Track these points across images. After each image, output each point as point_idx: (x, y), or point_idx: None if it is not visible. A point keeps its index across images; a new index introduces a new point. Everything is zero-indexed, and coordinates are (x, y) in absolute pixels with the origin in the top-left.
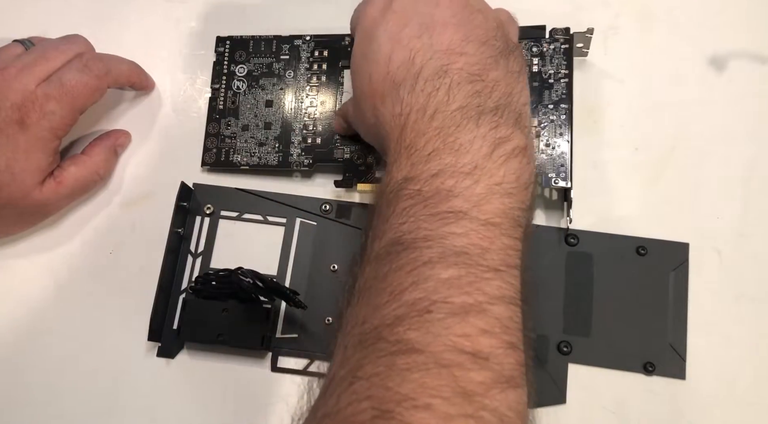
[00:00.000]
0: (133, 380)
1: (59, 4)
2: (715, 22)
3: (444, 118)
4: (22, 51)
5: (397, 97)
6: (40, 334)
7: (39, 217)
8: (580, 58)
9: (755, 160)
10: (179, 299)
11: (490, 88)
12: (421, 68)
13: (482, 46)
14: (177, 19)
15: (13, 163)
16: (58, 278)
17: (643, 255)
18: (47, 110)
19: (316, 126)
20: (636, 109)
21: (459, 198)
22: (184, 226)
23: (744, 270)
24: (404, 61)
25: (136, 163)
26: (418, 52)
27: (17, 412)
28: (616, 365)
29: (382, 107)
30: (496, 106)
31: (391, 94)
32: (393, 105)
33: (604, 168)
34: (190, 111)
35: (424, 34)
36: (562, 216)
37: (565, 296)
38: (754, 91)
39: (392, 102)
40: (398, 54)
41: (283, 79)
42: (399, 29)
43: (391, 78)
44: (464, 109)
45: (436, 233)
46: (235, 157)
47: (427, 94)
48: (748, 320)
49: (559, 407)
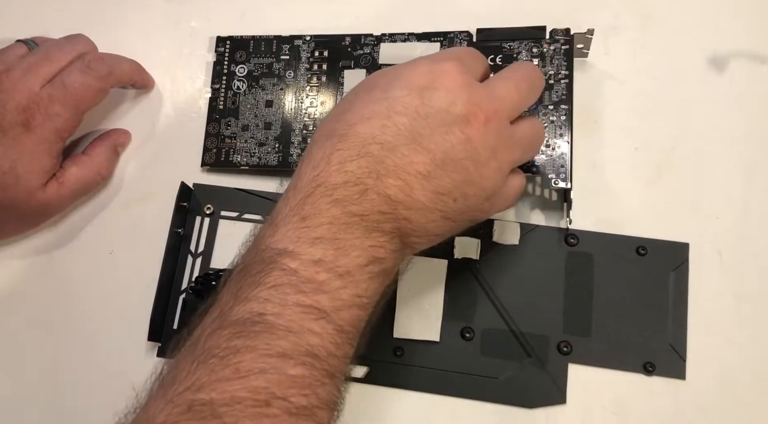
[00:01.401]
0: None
1: (60, 5)
2: (715, 22)
3: (343, 213)
4: (26, 52)
5: (330, 152)
6: (40, 333)
7: (41, 218)
8: (581, 59)
9: (755, 160)
10: (179, 299)
11: (394, 218)
12: (365, 155)
13: (430, 193)
14: (177, 19)
15: (17, 165)
16: (58, 278)
17: (643, 255)
18: (52, 112)
19: (316, 126)
20: (636, 109)
21: (326, 296)
22: (184, 226)
23: (744, 270)
24: (365, 136)
25: (136, 164)
26: (380, 143)
27: (17, 412)
28: (616, 365)
29: (319, 144)
30: (390, 231)
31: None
32: (322, 156)
33: (604, 168)
34: (190, 111)
35: (404, 136)
36: (562, 216)
37: (565, 296)
38: (754, 91)
39: (324, 152)
40: (370, 126)
41: (283, 80)
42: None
43: (345, 132)
44: (363, 218)
45: (297, 326)
46: (235, 157)
47: (345, 181)
48: (748, 320)
49: (559, 407)
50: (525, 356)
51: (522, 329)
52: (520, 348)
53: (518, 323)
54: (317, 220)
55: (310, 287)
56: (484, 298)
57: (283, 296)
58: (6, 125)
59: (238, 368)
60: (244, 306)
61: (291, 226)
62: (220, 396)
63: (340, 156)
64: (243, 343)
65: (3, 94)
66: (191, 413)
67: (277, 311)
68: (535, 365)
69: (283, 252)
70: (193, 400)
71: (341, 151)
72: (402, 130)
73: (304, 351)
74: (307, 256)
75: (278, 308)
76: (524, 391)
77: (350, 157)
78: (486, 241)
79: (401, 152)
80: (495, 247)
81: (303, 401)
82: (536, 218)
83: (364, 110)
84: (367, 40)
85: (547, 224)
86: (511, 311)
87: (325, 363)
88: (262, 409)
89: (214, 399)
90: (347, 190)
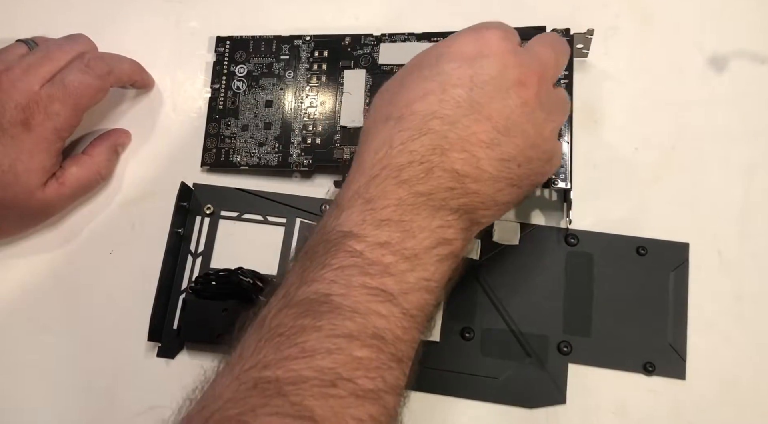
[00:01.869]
0: (133, 380)
1: (60, 5)
2: (715, 22)
3: (409, 193)
4: (26, 51)
5: (390, 136)
6: (40, 333)
7: (41, 218)
8: (581, 59)
9: (755, 160)
10: (179, 299)
11: (462, 193)
12: (427, 132)
13: (496, 161)
14: (177, 19)
15: (17, 164)
16: (58, 278)
17: (643, 255)
18: (51, 111)
19: (315, 126)
20: (636, 109)
21: (393, 279)
22: (184, 226)
23: (744, 270)
24: (425, 113)
25: (137, 163)
26: (441, 117)
27: (17, 412)
28: (616, 365)
29: (377, 129)
30: (457, 208)
31: (390, 127)
32: (383, 141)
33: (604, 168)
34: (190, 111)
35: (464, 107)
36: (562, 217)
37: (565, 296)
38: (754, 91)
39: (384, 136)
40: (428, 103)
41: (282, 80)
42: (455, 83)
43: (401, 113)
44: (429, 197)
45: (364, 308)
46: (234, 157)
47: (409, 161)
48: (748, 320)
49: (559, 407)
50: (525, 356)
51: (522, 329)
52: (520, 348)
53: (518, 323)
54: (383, 202)
55: (376, 270)
56: (484, 298)
57: (349, 277)
58: (5, 124)
59: (304, 347)
60: (310, 287)
61: (356, 208)
62: (285, 374)
63: (401, 137)
64: (309, 322)
65: (2, 94)
66: (257, 390)
67: (342, 292)
68: (535, 365)
69: (349, 234)
70: (259, 377)
71: (402, 132)
72: (460, 102)
73: (371, 333)
74: (372, 238)
75: (344, 288)
76: (524, 391)
77: (412, 136)
78: (486, 241)
79: (463, 124)
80: (495, 247)
81: (369, 384)
82: (536, 218)
83: (417, 89)
84: (367, 41)
85: (547, 224)
86: (511, 311)
87: (392, 347)
88: (328, 389)
89: (280, 377)
90: (413, 170)
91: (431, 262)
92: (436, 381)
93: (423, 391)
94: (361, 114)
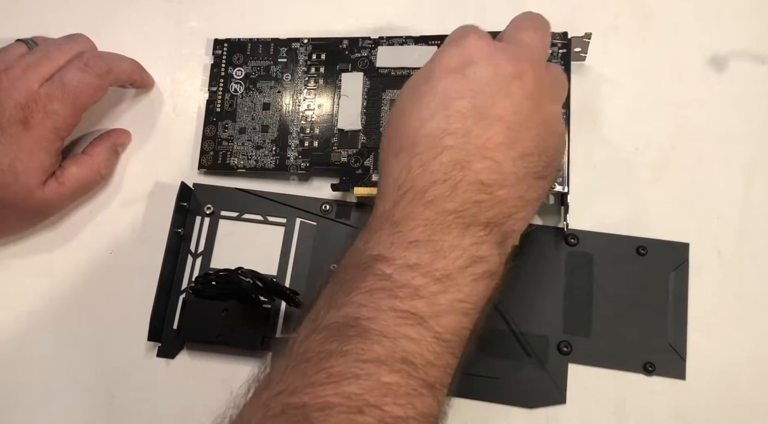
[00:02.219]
0: (133, 380)
1: (59, 4)
2: (715, 22)
3: (437, 213)
4: (26, 51)
5: (407, 161)
6: (40, 333)
7: (40, 217)
8: (578, 63)
9: (755, 160)
10: (179, 299)
11: (491, 204)
12: (443, 150)
13: (518, 159)
14: (176, 20)
15: (16, 163)
16: (58, 277)
17: (643, 255)
18: (50, 110)
19: (313, 129)
20: (636, 109)
21: (423, 301)
22: (184, 226)
23: (744, 270)
24: (435, 133)
25: (137, 163)
26: (452, 133)
27: (17, 412)
28: (616, 365)
29: (393, 161)
30: (487, 222)
31: (405, 155)
32: (401, 168)
33: (604, 168)
34: (191, 111)
35: (472, 116)
36: (560, 220)
37: (565, 296)
38: (754, 91)
39: (401, 163)
40: (435, 123)
41: (280, 82)
42: (455, 97)
43: (413, 140)
44: (458, 214)
45: (393, 331)
46: (231, 160)
47: (432, 181)
48: (748, 320)
49: (559, 407)
50: (525, 356)
51: (522, 329)
52: (520, 348)
53: (518, 323)
54: (411, 223)
55: (405, 292)
56: None
57: (378, 300)
58: (5, 123)
59: (331, 372)
60: (339, 311)
61: (384, 231)
62: (312, 401)
63: (419, 160)
64: (336, 347)
65: (2, 93)
66: (284, 416)
67: (371, 316)
68: (535, 365)
69: (378, 257)
70: (286, 404)
71: (419, 156)
72: (465, 113)
73: (400, 358)
74: (401, 260)
75: (373, 312)
76: (524, 391)
77: (430, 157)
78: None
79: (475, 132)
80: None
81: (398, 411)
82: (535, 219)
83: (420, 113)
84: (365, 43)
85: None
86: (511, 311)
87: (422, 372)
88: (355, 416)
89: (307, 403)
90: (437, 189)
91: (465, 282)
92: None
93: None
94: (359, 117)
